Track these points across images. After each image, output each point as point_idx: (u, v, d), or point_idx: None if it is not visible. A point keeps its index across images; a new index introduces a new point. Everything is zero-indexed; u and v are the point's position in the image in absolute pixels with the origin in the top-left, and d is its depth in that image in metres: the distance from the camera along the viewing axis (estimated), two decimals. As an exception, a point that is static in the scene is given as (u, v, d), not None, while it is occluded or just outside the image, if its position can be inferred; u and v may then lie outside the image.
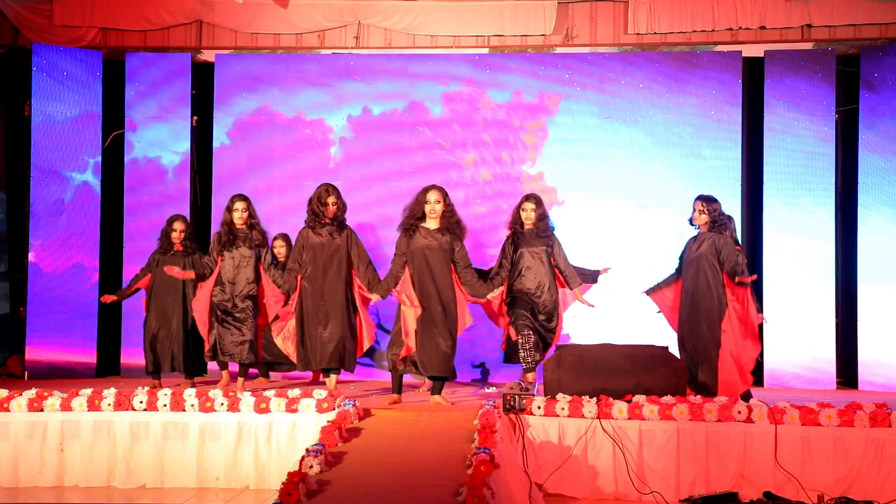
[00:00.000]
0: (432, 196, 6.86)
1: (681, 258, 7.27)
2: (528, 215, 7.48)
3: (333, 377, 7.09)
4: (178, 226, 7.97)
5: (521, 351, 7.23)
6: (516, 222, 7.55)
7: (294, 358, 7.14)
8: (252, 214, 7.51)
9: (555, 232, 7.53)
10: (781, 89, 9.18)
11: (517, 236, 7.52)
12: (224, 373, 7.69)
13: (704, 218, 7.12)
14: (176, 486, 5.96)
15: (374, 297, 6.91)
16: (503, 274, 7.39)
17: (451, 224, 6.88)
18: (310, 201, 7.13)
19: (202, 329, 7.47)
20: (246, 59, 9.64)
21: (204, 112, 9.62)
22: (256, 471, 5.96)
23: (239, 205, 7.46)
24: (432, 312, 6.72)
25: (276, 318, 7.27)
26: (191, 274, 7.57)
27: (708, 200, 7.14)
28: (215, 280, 7.43)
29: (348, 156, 9.53)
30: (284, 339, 7.10)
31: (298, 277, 7.08)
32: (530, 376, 7.24)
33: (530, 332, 7.23)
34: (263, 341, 7.79)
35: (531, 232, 7.47)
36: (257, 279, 7.47)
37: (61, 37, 9.43)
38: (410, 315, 6.70)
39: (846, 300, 9.13)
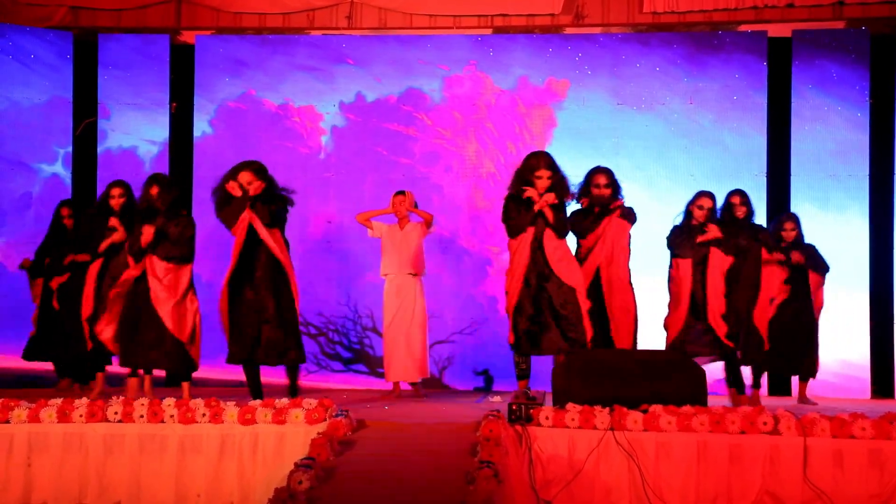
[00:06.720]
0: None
1: None
2: (602, 192, 7.53)
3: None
4: (65, 212, 8.33)
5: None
6: (596, 202, 7.54)
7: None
8: (129, 200, 7.66)
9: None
10: (810, 72, 9.18)
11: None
12: None
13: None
14: (153, 504, 5.97)
15: None
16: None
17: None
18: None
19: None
20: (229, 41, 9.64)
21: (184, 98, 9.62)
22: (241, 487, 5.94)
23: (115, 191, 7.64)
24: None
25: None
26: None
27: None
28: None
29: (340, 146, 9.53)
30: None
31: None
32: None
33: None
34: None
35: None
36: None
37: (27, 16, 9.44)
38: None
39: (881, 302, 9.10)
